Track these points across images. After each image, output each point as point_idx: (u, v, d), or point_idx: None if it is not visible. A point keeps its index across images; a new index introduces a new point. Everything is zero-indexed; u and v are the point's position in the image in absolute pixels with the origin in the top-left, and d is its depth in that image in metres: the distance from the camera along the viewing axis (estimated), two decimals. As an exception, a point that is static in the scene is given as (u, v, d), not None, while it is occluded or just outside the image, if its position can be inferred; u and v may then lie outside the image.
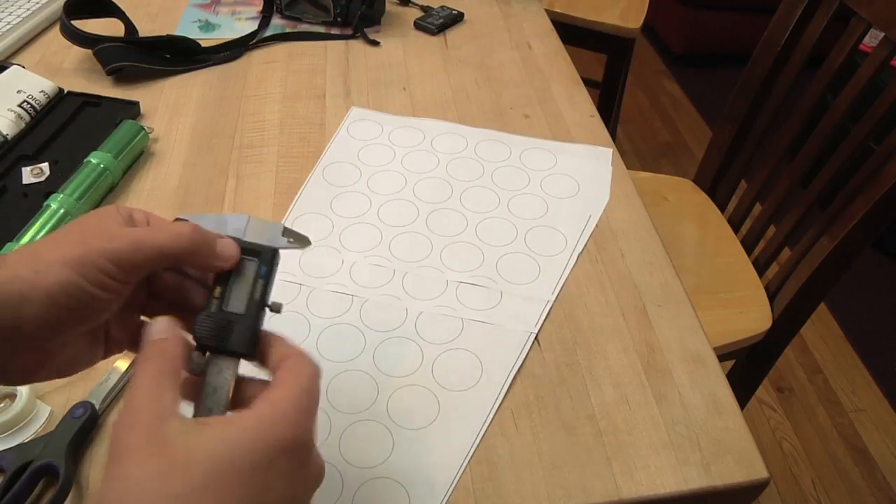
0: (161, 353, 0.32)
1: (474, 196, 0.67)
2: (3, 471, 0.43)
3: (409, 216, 0.64)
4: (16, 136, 0.68)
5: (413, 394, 0.50)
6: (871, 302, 1.69)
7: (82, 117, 0.73)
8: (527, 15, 0.97)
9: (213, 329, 0.34)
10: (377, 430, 0.48)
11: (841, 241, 0.84)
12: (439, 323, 0.55)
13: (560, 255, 0.61)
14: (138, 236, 0.33)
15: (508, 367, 0.52)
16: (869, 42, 1.34)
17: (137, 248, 0.33)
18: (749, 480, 0.46)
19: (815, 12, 0.92)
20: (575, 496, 0.44)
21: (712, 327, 0.85)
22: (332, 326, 0.54)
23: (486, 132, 0.75)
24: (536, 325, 0.55)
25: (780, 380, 1.53)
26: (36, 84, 0.72)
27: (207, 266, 0.36)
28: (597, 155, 0.72)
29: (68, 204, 0.60)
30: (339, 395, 0.50)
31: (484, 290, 0.57)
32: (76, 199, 0.60)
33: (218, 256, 0.35)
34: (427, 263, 0.60)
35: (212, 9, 0.96)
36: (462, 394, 0.50)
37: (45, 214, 0.59)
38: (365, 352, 0.53)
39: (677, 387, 0.51)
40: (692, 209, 1.12)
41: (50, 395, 0.49)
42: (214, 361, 0.34)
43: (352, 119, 0.76)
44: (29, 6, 0.90)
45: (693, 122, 2.30)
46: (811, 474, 1.35)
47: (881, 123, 0.82)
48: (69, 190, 0.61)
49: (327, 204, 0.65)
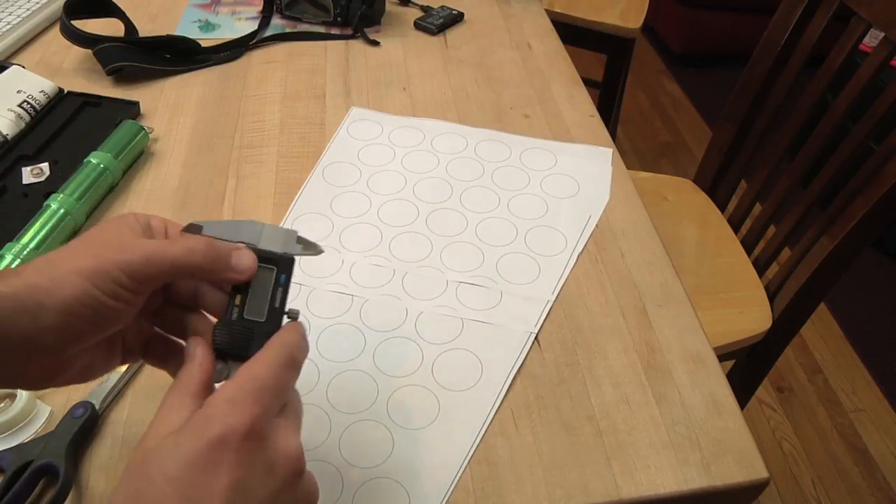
0: (178, 378, 0.33)
1: (474, 196, 0.67)
2: (3, 471, 0.43)
3: (409, 216, 0.64)
4: (16, 136, 0.68)
5: (413, 394, 0.50)
6: (871, 302, 1.69)
7: (82, 117, 0.73)
8: (527, 15, 0.97)
9: (234, 337, 0.35)
10: (377, 430, 0.48)
11: (841, 241, 0.84)
12: (439, 323, 0.55)
13: (560, 255, 0.61)
14: (152, 250, 0.33)
15: (508, 367, 0.52)
16: (869, 42, 1.34)
17: (151, 261, 0.33)
18: (749, 480, 0.46)
19: (815, 12, 0.92)
20: (575, 496, 0.44)
21: (712, 327, 0.85)
22: (332, 326, 0.54)
23: (486, 132, 0.75)
24: (536, 325, 0.55)
25: (780, 380, 1.53)
26: (36, 84, 0.72)
27: (222, 279, 0.36)
28: (597, 155, 0.72)
29: (68, 204, 0.60)
30: (339, 395, 0.50)
31: (484, 290, 0.57)
32: (76, 199, 0.60)
33: (233, 269, 0.36)
34: (427, 263, 0.60)
35: (212, 9, 0.96)
36: (462, 394, 0.50)
37: (45, 214, 0.59)
38: (365, 352, 0.53)
39: (677, 387, 0.51)
40: (692, 209, 1.12)
41: (50, 395, 0.49)
42: (236, 367, 0.34)
43: (352, 119, 0.76)
44: (29, 6, 0.90)
45: (693, 122, 2.30)
46: (811, 474, 1.35)
47: (881, 123, 0.82)
48: (69, 190, 0.61)
49: (327, 204, 0.65)
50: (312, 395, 0.49)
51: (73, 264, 0.32)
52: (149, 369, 0.51)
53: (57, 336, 0.31)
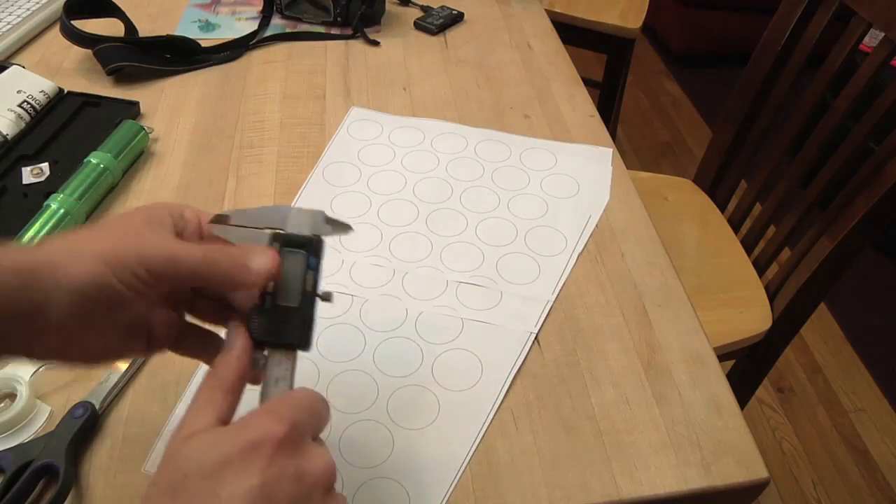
0: (214, 369, 0.33)
1: (474, 196, 0.67)
2: (3, 471, 0.43)
3: (409, 216, 0.64)
4: (16, 136, 0.68)
5: (413, 394, 0.50)
6: (871, 302, 1.69)
7: (82, 117, 0.73)
8: (527, 15, 0.97)
9: (270, 325, 0.35)
10: (377, 430, 0.48)
11: (841, 241, 0.84)
12: (439, 323, 0.55)
13: (560, 255, 0.61)
14: (176, 252, 0.33)
15: (508, 368, 0.52)
16: (869, 42, 1.34)
17: (172, 263, 0.33)
18: (749, 480, 0.46)
19: (815, 12, 0.92)
20: (575, 496, 0.44)
21: (712, 327, 0.84)
22: (332, 326, 0.54)
23: (486, 132, 0.75)
24: (536, 326, 0.55)
25: (780, 380, 1.53)
26: (36, 84, 0.72)
27: (244, 286, 0.35)
28: (597, 155, 0.72)
29: (68, 204, 0.60)
30: (339, 395, 0.50)
31: (484, 290, 0.57)
32: (76, 199, 0.60)
33: (252, 273, 0.35)
34: (427, 263, 0.60)
35: (212, 9, 0.96)
36: (462, 394, 0.50)
37: (45, 214, 0.59)
38: (365, 352, 0.53)
39: (677, 387, 0.51)
40: (692, 209, 1.12)
41: (50, 395, 0.49)
42: (274, 354, 0.35)
43: (352, 119, 0.76)
44: (29, 6, 0.90)
45: (693, 122, 2.30)
46: (811, 474, 1.35)
47: (881, 123, 0.82)
48: (69, 190, 0.61)
49: (327, 204, 0.65)
50: None
51: (95, 247, 0.32)
52: (149, 369, 0.51)
53: (67, 315, 0.31)
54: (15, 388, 0.47)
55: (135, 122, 0.70)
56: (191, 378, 0.50)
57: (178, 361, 0.51)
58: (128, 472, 0.45)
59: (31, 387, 0.48)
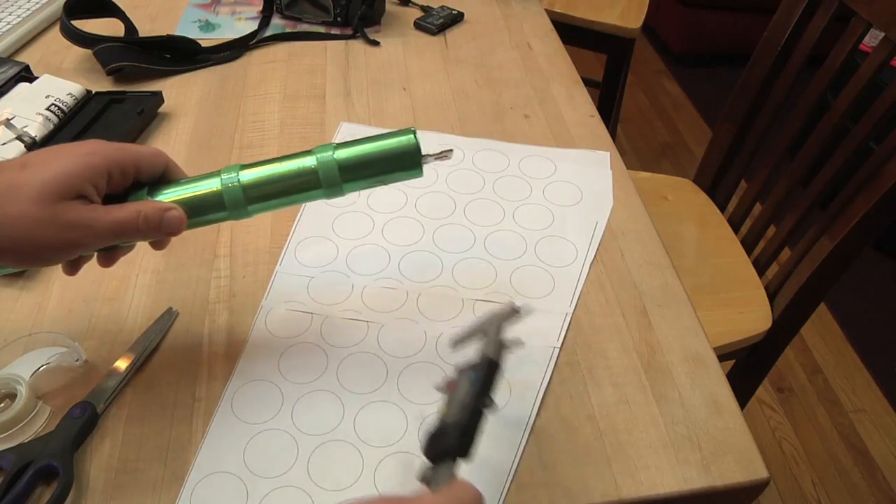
0: None
1: (478, 209, 0.65)
2: (3, 471, 0.43)
3: (415, 234, 0.62)
4: (44, 136, 0.69)
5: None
6: (871, 302, 1.69)
7: (108, 114, 0.74)
8: (527, 15, 0.97)
9: (434, 442, 0.37)
10: (408, 462, 0.46)
11: (841, 241, 0.84)
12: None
13: (572, 265, 0.59)
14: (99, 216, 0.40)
15: (536, 387, 0.50)
16: (869, 42, 1.35)
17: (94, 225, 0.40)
18: (749, 480, 0.46)
19: (815, 12, 0.92)
20: (575, 496, 0.44)
21: (712, 327, 0.85)
22: (350, 356, 0.52)
23: (482, 141, 0.73)
24: (559, 340, 0.53)
25: (780, 380, 1.53)
26: (63, 88, 0.73)
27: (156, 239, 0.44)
28: (595, 159, 0.71)
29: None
30: (367, 428, 0.47)
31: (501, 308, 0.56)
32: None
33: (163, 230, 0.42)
34: (440, 283, 0.58)
35: (212, 9, 0.96)
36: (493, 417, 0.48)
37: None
38: (388, 380, 0.50)
39: (677, 387, 0.51)
40: (692, 209, 1.12)
41: (50, 396, 0.49)
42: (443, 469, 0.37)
43: (342, 135, 0.73)
44: (29, 6, 0.90)
45: (693, 122, 2.30)
46: (811, 474, 1.35)
47: (881, 123, 0.82)
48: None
49: (328, 226, 0.63)
50: (339, 431, 0.47)
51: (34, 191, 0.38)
52: (149, 369, 0.51)
53: None
54: (15, 388, 0.47)
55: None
56: (191, 378, 0.50)
57: (178, 362, 0.51)
58: (128, 472, 0.45)
59: (31, 387, 0.48)
